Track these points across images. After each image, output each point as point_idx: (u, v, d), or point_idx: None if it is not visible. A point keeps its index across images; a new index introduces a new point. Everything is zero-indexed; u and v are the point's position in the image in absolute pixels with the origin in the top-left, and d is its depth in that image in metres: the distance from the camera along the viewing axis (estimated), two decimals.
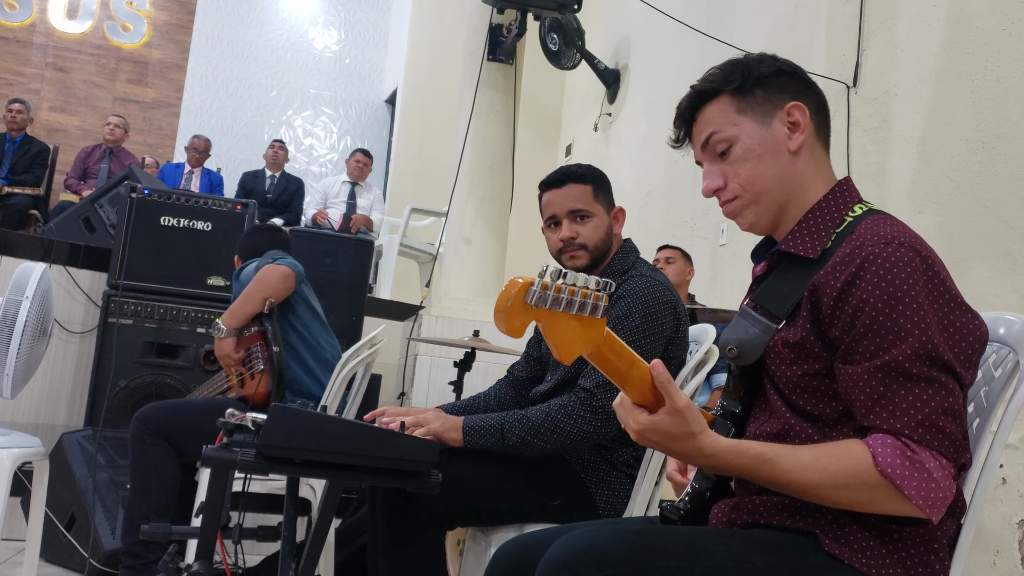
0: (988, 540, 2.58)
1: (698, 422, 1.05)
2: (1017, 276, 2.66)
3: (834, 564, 1.07)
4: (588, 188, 1.92)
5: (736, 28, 4.57)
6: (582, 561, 1.05)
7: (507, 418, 1.77)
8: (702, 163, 1.27)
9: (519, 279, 0.92)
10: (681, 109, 1.27)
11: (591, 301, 0.93)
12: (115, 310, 3.50)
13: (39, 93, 9.48)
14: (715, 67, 1.25)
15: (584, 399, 1.75)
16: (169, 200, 3.62)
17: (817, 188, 1.21)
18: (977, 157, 2.89)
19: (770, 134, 1.20)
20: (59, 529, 3.03)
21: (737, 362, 1.20)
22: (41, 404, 3.70)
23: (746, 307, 1.24)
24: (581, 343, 0.96)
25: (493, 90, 4.73)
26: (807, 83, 1.24)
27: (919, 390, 1.03)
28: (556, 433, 1.74)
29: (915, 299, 1.04)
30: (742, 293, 4.65)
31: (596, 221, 1.92)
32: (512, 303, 0.91)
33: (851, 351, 1.07)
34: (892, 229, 1.10)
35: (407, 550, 1.77)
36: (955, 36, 3.06)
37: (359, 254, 4.41)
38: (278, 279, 2.69)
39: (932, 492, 1.01)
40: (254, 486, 2.38)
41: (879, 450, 1.02)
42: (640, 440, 1.08)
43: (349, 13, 10.79)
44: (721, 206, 1.26)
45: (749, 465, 1.06)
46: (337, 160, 10.48)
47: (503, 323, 0.92)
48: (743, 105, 1.21)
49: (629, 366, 1.03)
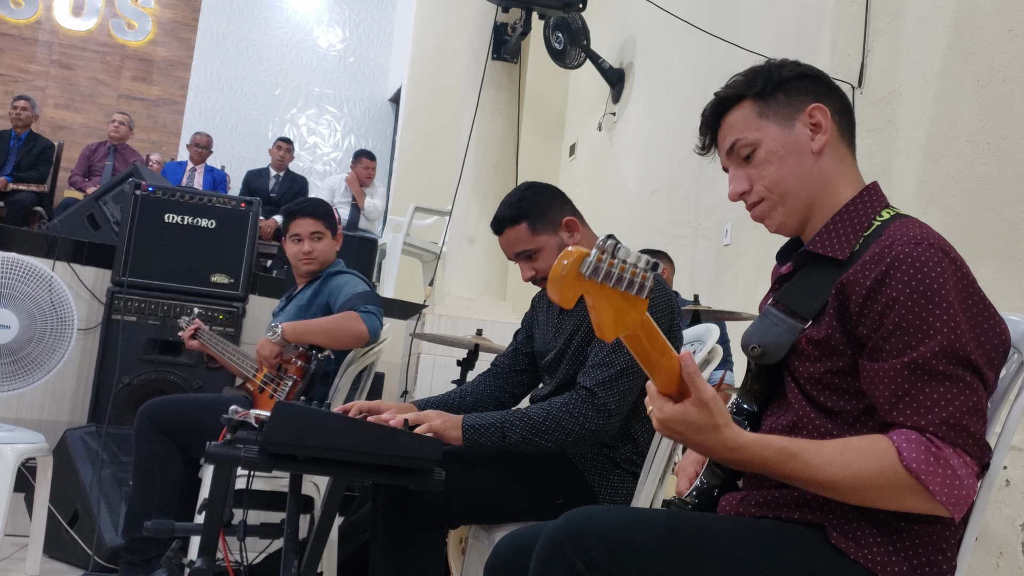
0: (991, 542, 2.58)
1: (723, 414, 1.05)
2: (1022, 277, 2.65)
3: (839, 559, 1.07)
4: (523, 227, 1.93)
5: (741, 28, 4.57)
6: (586, 534, 1.05)
7: (508, 416, 1.75)
8: (728, 169, 1.28)
9: (573, 249, 0.92)
10: (705, 116, 1.29)
11: (639, 280, 0.93)
12: (119, 307, 3.51)
13: (44, 90, 9.49)
14: (738, 74, 1.27)
15: (585, 397, 1.74)
16: (173, 197, 3.62)
17: (844, 189, 1.22)
18: (982, 158, 2.88)
19: (792, 136, 1.22)
20: (62, 525, 3.03)
21: (760, 361, 1.20)
22: (45, 400, 3.71)
23: (770, 307, 1.23)
24: (623, 323, 0.96)
25: (497, 89, 4.72)
26: (830, 86, 1.25)
27: (944, 388, 1.03)
28: (558, 431, 1.72)
29: (945, 297, 1.05)
30: (745, 294, 4.66)
31: (545, 252, 1.93)
32: (567, 272, 0.91)
33: (878, 348, 1.07)
34: (921, 231, 1.12)
35: (406, 549, 1.77)
36: (961, 37, 3.05)
37: (362, 252, 4.42)
38: (352, 338, 2.58)
39: (956, 489, 1.01)
40: (257, 483, 2.38)
41: (904, 446, 1.02)
42: (663, 430, 1.07)
43: (354, 11, 10.79)
44: (749, 210, 1.27)
45: (772, 459, 1.06)
46: (341, 159, 10.48)
47: (556, 291, 0.92)
48: (765, 109, 1.23)
49: (660, 353, 1.03)
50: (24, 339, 2.77)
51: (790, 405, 1.17)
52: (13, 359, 2.76)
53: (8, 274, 2.76)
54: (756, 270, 4.17)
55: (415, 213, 6.37)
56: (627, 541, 1.04)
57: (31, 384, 2.79)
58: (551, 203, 1.96)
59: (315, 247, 2.82)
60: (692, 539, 1.06)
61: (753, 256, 4.23)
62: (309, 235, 2.82)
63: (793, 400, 1.17)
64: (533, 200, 1.95)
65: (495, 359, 2.19)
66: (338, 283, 2.77)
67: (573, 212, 1.99)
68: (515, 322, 4.37)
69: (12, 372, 2.77)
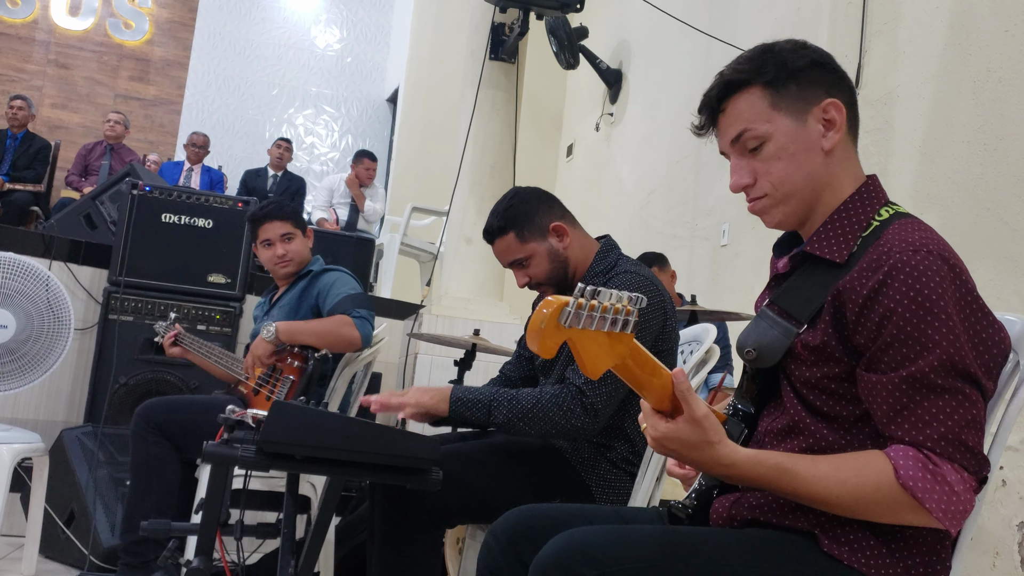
0: (988, 542, 2.58)
1: (716, 431, 1.04)
2: (1018, 278, 2.66)
3: (832, 564, 1.06)
4: (510, 236, 1.95)
5: (739, 28, 4.57)
6: (577, 559, 1.04)
7: (496, 395, 1.78)
8: (727, 155, 1.22)
9: (552, 299, 0.92)
10: (709, 98, 1.21)
11: (622, 317, 0.93)
12: (116, 307, 3.50)
13: (41, 90, 9.48)
14: (745, 54, 1.20)
15: (575, 394, 1.75)
16: (170, 197, 3.62)
17: (846, 186, 1.18)
18: (979, 159, 2.88)
19: (805, 132, 1.16)
20: (58, 525, 3.02)
21: (755, 365, 1.18)
22: (41, 400, 3.70)
23: (765, 309, 1.21)
24: (608, 357, 0.96)
25: (495, 89, 4.73)
26: (840, 75, 1.19)
27: (943, 402, 1.02)
28: (544, 422, 1.74)
29: (944, 309, 1.03)
30: (743, 294, 4.65)
31: (535, 258, 1.95)
32: (546, 325, 0.91)
33: (876, 360, 1.05)
34: (920, 235, 1.08)
35: (403, 549, 1.77)
36: (957, 38, 3.06)
37: (360, 253, 4.41)
38: (345, 344, 2.59)
39: (953, 505, 1.00)
40: (254, 483, 2.38)
41: (901, 463, 1.01)
42: (657, 448, 1.07)
43: (351, 11, 10.79)
44: (748, 203, 1.22)
45: (767, 475, 1.05)
46: (338, 159, 10.48)
47: (536, 343, 0.92)
48: (777, 100, 1.16)
49: (651, 374, 1.03)
50: (21, 339, 2.76)
51: (785, 408, 1.16)
52: (11, 358, 2.76)
53: (5, 273, 2.75)
54: (753, 271, 4.18)
55: (412, 213, 6.37)
56: (618, 563, 1.03)
57: (28, 384, 2.78)
58: (537, 209, 1.96)
59: (288, 248, 2.79)
60: (683, 557, 1.06)
61: (750, 256, 4.23)
62: (280, 238, 2.78)
63: (788, 403, 1.16)
64: (519, 208, 1.96)
65: (503, 366, 2.21)
66: (327, 282, 2.74)
67: (562, 216, 1.98)
68: (512, 322, 4.37)
69: (9, 372, 2.76)
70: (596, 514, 1.29)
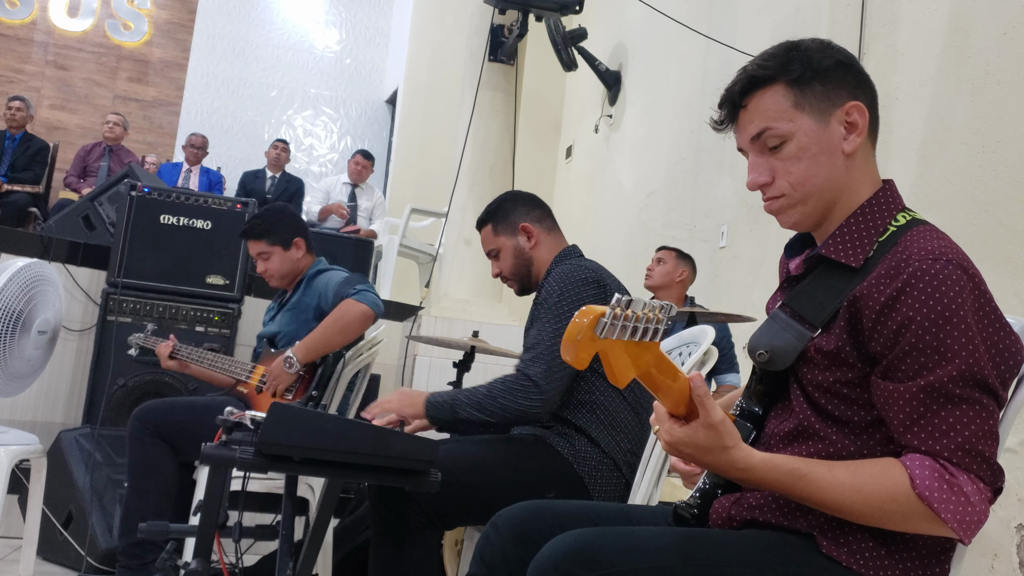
0: (986, 544, 2.58)
1: (732, 436, 1.04)
2: (1017, 280, 2.66)
3: (831, 566, 1.06)
4: (488, 228, 2.16)
5: (738, 30, 4.58)
6: (575, 561, 1.04)
7: (459, 394, 1.89)
8: (744, 151, 1.21)
9: (587, 309, 0.92)
10: (731, 92, 1.18)
11: (653, 326, 0.93)
12: (114, 308, 3.50)
13: (39, 91, 9.48)
14: (770, 50, 1.18)
15: (518, 376, 1.87)
16: (169, 198, 3.62)
17: (863, 190, 1.17)
18: (977, 161, 2.89)
19: (827, 133, 1.14)
20: (56, 527, 3.02)
21: (767, 367, 1.17)
22: (39, 401, 3.70)
23: (778, 311, 1.20)
24: (635, 366, 0.97)
25: (494, 91, 4.73)
26: (864, 78, 1.18)
27: (960, 412, 1.01)
28: (497, 408, 1.84)
29: (963, 319, 1.02)
30: (742, 296, 4.64)
31: (504, 252, 2.14)
32: (582, 336, 0.91)
33: (893, 368, 1.05)
34: (939, 244, 1.07)
35: (400, 550, 1.77)
36: (956, 40, 3.06)
37: (359, 254, 4.41)
38: (358, 323, 2.54)
39: (968, 516, 1.01)
40: (252, 485, 2.38)
41: (917, 472, 1.01)
42: (671, 451, 1.07)
43: (350, 13, 10.79)
44: (764, 201, 1.20)
45: (782, 480, 1.05)
46: (337, 160, 10.48)
47: (571, 354, 0.92)
48: (801, 99, 1.14)
49: (672, 378, 1.03)
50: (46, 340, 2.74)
51: (793, 411, 1.16)
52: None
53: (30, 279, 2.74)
54: (752, 272, 4.18)
55: (411, 215, 6.37)
56: (616, 566, 1.03)
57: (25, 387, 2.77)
58: (516, 209, 2.14)
59: (267, 267, 2.79)
60: (682, 559, 1.06)
61: (749, 258, 4.23)
62: (257, 256, 2.80)
63: (796, 406, 1.15)
64: (503, 205, 2.16)
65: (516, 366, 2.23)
66: (321, 284, 2.74)
67: (539, 220, 2.13)
68: (512, 324, 4.37)
69: None
70: (600, 513, 1.28)
